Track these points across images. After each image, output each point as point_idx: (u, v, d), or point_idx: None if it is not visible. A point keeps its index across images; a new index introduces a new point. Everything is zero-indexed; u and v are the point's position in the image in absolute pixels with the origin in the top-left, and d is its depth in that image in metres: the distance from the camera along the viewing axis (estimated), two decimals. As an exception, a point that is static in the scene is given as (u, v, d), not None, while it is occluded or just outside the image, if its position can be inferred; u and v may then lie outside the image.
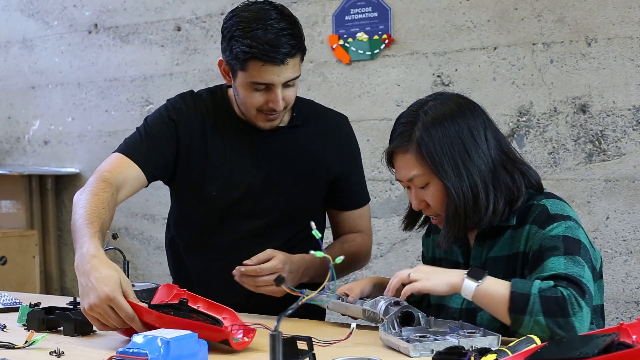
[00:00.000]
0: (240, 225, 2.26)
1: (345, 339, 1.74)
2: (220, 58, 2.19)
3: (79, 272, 1.81)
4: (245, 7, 2.14)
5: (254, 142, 2.25)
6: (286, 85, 2.12)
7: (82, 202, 1.99)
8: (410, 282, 1.79)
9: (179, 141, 2.25)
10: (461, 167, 1.83)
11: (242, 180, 2.25)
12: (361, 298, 2.07)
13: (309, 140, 2.30)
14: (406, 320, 1.82)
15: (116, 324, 1.74)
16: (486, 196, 1.84)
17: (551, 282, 1.70)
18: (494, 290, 1.72)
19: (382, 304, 1.87)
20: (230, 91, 2.29)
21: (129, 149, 2.22)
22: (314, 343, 1.72)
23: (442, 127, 1.85)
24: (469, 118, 1.87)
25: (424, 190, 1.89)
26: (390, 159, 1.94)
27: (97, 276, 1.75)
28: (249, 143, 2.25)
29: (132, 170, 2.19)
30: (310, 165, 2.29)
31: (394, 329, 1.81)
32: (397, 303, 1.84)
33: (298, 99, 2.27)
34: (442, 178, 1.84)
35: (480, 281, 1.73)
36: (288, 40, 2.07)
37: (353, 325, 1.75)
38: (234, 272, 2.10)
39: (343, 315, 2.03)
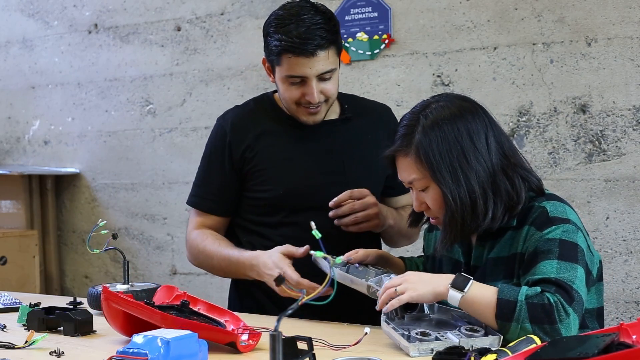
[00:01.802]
0: (312, 219, 2.21)
1: (355, 343, 1.73)
2: (263, 57, 2.27)
3: (258, 269, 2.16)
4: (283, 5, 2.23)
5: (309, 137, 2.29)
6: (322, 78, 2.18)
7: (205, 245, 2.31)
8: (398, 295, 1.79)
9: (233, 162, 2.30)
10: (459, 172, 1.83)
11: (306, 175, 2.28)
12: (366, 265, 2.07)
13: (363, 132, 2.34)
14: (409, 306, 1.82)
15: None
16: (484, 202, 1.83)
17: (538, 289, 1.70)
18: (480, 297, 1.73)
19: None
20: (277, 95, 2.35)
21: (200, 200, 2.37)
22: (323, 346, 1.73)
23: (441, 132, 1.84)
24: (469, 122, 1.86)
25: (424, 193, 1.90)
26: (393, 160, 1.95)
27: (263, 261, 2.15)
28: (305, 138, 2.29)
29: (213, 221, 2.36)
30: (369, 154, 2.31)
31: (397, 314, 1.81)
32: None
33: (343, 94, 2.35)
34: (439, 183, 1.84)
35: (464, 291, 1.73)
36: (320, 33, 2.13)
37: (367, 329, 1.75)
38: (331, 214, 2.20)
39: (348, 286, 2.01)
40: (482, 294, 1.73)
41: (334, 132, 2.31)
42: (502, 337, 1.69)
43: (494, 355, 1.51)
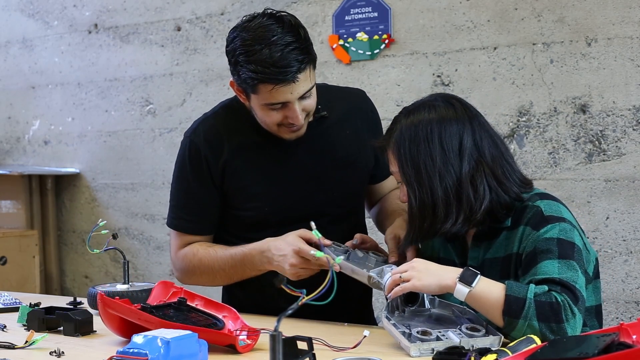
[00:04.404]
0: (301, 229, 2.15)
1: (355, 346, 1.73)
2: (231, 79, 2.13)
3: (269, 254, 2.08)
4: (246, 24, 2.05)
5: (288, 146, 2.18)
6: (303, 97, 2.05)
7: (200, 257, 2.21)
8: (403, 281, 1.80)
9: (213, 179, 2.20)
10: (423, 174, 1.86)
11: (290, 187, 2.19)
12: (367, 251, 2.09)
13: (341, 126, 2.25)
14: (410, 298, 1.83)
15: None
16: (445, 208, 1.85)
17: (545, 287, 1.71)
18: (488, 293, 1.73)
19: (388, 277, 1.87)
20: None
21: (182, 222, 2.27)
22: (323, 346, 1.73)
23: (415, 133, 1.88)
24: (446, 126, 1.88)
25: (404, 186, 1.94)
26: (384, 149, 2.00)
27: (275, 245, 2.08)
28: (284, 148, 2.18)
29: (197, 238, 2.26)
30: (351, 150, 2.24)
31: (397, 308, 1.81)
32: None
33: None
34: (404, 181, 1.89)
35: (472, 285, 1.74)
36: (296, 55, 1.98)
37: (366, 332, 1.75)
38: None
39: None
40: (489, 290, 1.73)
41: (313, 136, 2.18)
42: (502, 337, 1.69)
43: (494, 355, 1.52)
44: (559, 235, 1.79)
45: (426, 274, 1.78)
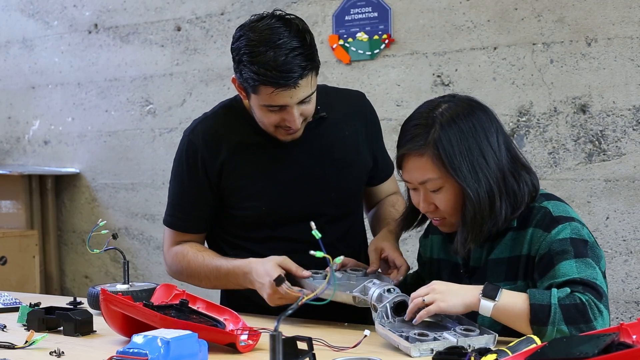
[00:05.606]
0: (299, 230, 2.14)
1: (355, 346, 1.73)
2: (233, 76, 2.12)
3: (251, 277, 2.08)
4: (254, 24, 2.05)
5: (286, 146, 2.17)
6: (302, 102, 2.05)
7: (189, 260, 2.22)
8: (426, 305, 1.77)
9: (209, 179, 2.20)
10: (479, 171, 1.81)
11: (287, 187, 2.19)
12: (344, 270, 2.10)
13: (340, 127, 2.25)
14: (400, 308, 1.83)
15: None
16: (501, 202, 1.82)
17: (567, 289, 1.70)
18: (512, 304, 1.72)
19: (374, 290, 1.87)
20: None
21: (176, 220, 2.28)
22: (323, 346, 1.73)
23: (459, 131, 1.82)
24: (483, 122, 1.85)
25: (436, 193, 1.86)
26: (401, 161, 1.90)
27: (255, 269, 2.07)
28: (282, 148, 2.18)
29: (192, 238, 2.27)
30: (349, 151, 2.24)
31: (388, 317, 1.81)
32: (389, 290, 1.86)
33: None
34: (462, 182, 1.80)
35: (496, 299, 1.72)
36: (299, 61, 1.98)
37: (366, 332, 1.75)
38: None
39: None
40: (513, 301, 1.72)
41: (311, 136, 2.18)
42: (497, 335, 1.70)
43: (494, 355, 1.51)
44: (572, 235, 1.79)
45: (449, 295, 1.76)
